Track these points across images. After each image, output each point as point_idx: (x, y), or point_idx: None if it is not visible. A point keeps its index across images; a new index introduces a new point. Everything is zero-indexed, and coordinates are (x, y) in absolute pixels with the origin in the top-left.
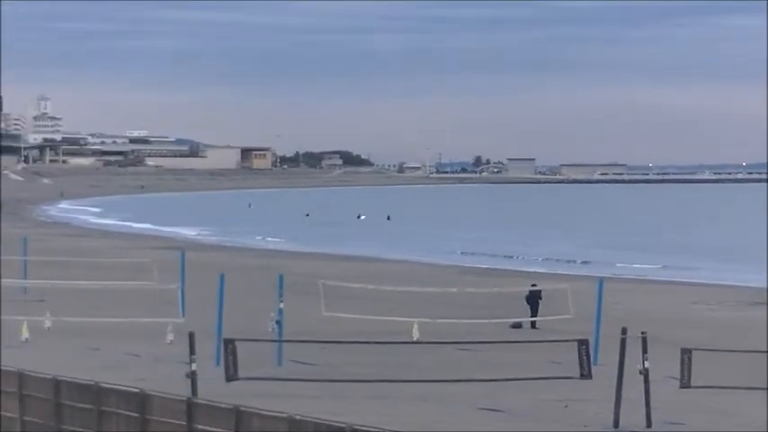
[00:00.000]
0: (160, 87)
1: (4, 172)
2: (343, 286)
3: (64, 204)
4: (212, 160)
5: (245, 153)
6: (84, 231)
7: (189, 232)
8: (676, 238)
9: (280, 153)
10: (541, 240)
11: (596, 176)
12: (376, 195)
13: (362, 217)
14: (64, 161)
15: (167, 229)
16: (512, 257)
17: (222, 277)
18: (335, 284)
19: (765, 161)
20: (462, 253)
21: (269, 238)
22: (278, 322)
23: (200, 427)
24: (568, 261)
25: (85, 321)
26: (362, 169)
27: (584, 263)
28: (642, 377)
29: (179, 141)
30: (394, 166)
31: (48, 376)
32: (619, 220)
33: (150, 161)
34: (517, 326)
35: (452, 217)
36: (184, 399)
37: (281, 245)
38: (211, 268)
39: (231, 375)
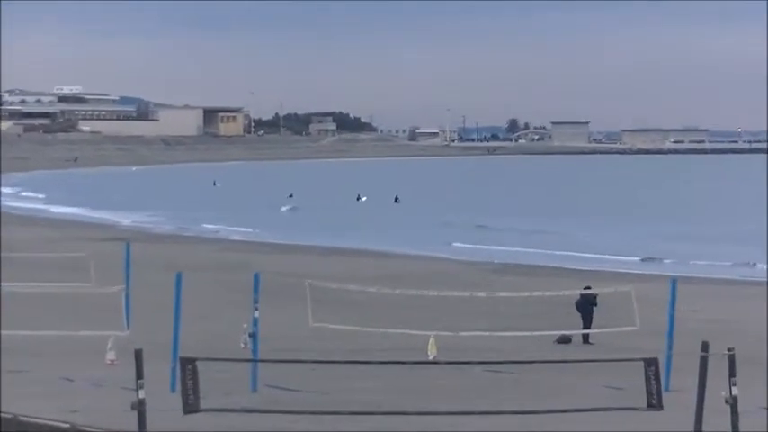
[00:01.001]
0: (99, 32)
1: None
2: (338, 289)
3: None
4: (167, 125)
5: (210, 115)
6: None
7: (136, 218)
8: None
9: (254, 115)
10: (596, 229)
11: (668, 145)
12: (380, 170)
13: (363, 198)
14: None
15: (108, 215)
16: (557, 251)
17: (179, 277)
18: (327, 286)
19: None
20: (492, 245)
21: (240, 227)
22: (252, 336)
23: None
24: (631, 255)
25: (3, 335)
26: (362, 136)
27: (652, 259)
28: (728, 407)
29: (123, 101)
30: (404, 131)
31: None
32: (698, 201)
33: (85, 126)
34: (565, 340)
35: (480, 199)
36: None
37: (256, 235)
38: (166, 265)
39: (190, 405)
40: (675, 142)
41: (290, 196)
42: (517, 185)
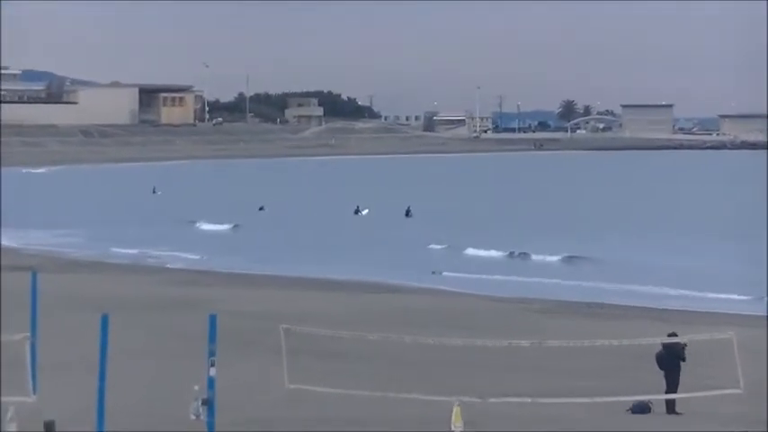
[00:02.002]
0: None
1: None
2: (325, 336)
3: None
4: (88, 109)
5: (148, 96)
6: None
7: (46, 239)
8: None
9: (209, 96)
10: (680, 254)
11: None
12: (385, 172)
13: (363, 212)
14: None
15: (6, 235)
16: (627, 285)
17: (106, 320)
18: (310, 332)
19: None
20: (536, 276)
21: (189, 251)
22: (207, 403)
23: None
24: (731, 291)
25: None
26: (359, 124)
27: (761, 298)
28: None
29: (28, 76)
30: (416, 118)
31: None
32: None
33: None
34: (642, 409)
35: (519, 213)
36: None
37: (211, 262)
38: (87, 304)
39: None
40: None
41: (261, 209)
42: (572, 194)
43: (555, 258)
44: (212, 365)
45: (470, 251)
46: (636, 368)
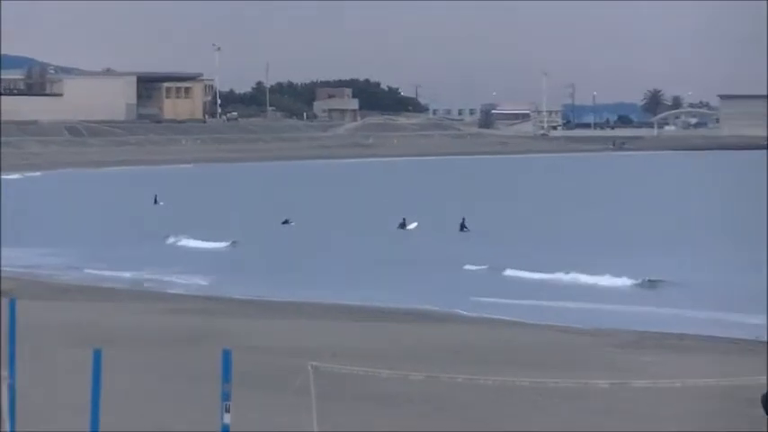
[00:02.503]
0: None
1: None
2: (362, 375)
3: None
4: (76, 102)
5: (148, 87)
6: None
7: (26, 259)
8: None
9: (222, 86)
10: None
11: None
12: (435, 177)
13: (411, 226)
14: None
15: None
16: (719, 312)
17: (98, 357)
18: (344, 371)
19: None
20: (610, 304)
21: (198, 273)
22: None
23: None
24: None
25: None
26: (403, 119)
27: None
28: None
29: (2, 62)
30: (471, 112)
31: None
32: None
33: None
34: None
35: (594, 225)
36: None
37: (224, 286)
38: (76, 336)
39: None
40: None
41: (285, 223)
42: (656, 204)
43: (630, 282)
44: (227, 411)
45: (533, 274)
46: (737, 413)
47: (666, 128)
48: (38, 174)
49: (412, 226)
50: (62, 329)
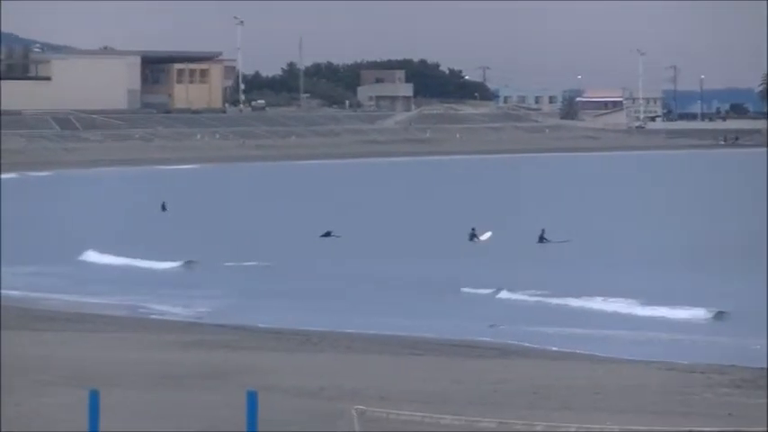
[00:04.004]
0: None
1: None
2: (416, 420)
3: None
4: (67, 87)
5: (154, 69)
6: None
7: (7, 280)
8: None
9: (245, 69)
10: None
11: None
12: (508, 177)
13: (483, 236)
14: None
15: None
16: None
17: (95, 398)
18: (396, 416)
19: None
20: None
21: (216, 298)
22: None
23: None
24: None
25: None
26: (468, 108)
27: None
28: None
29: None
30: (551, 100)
31: None
32: None
33: None
34: None
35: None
36: None
37: (247, 312)
38: (67, 374)
39: None
40: None
41: (326, 235)
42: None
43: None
44: None
45: (612, 302)
46: None
47: None
48: (25, 175)
49: (485, 237)
50: (52, 365)
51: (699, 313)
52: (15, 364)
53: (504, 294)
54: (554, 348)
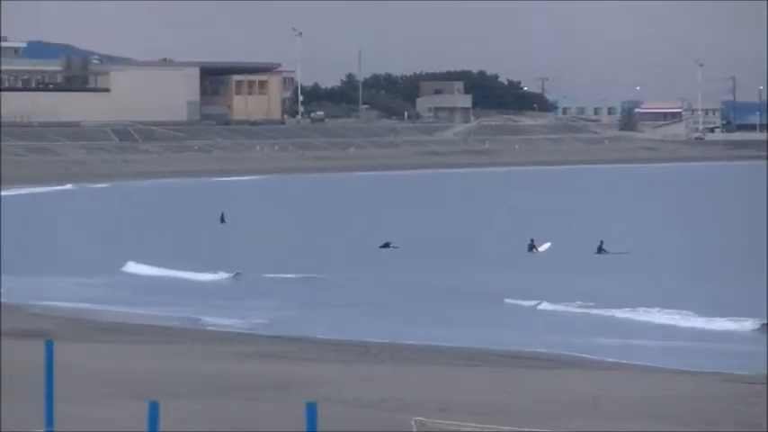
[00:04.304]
0: None
1: None
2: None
3: None
4: (126, 99)
5: (213, 81)
6: None
7: (64, 292)
8: None
9: (305, 80)
10: None
11: None
12: (567, 189)
13: (542, 247)
14: None
15: (8, 288)
16: None
17: (155, 410)
18: (458, 428)
19: None
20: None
21: (274, 309)
22: None
23: None
24: None
25: None
26: (527, 120)
27: None
28: None
29: (37, 49)
30: (610, 111)
31: None
32: None
33: None
34: None
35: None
36: None
37: (305, 323)
38: (127, 386)
39: None
40: None
41: (386, 246)
42: None
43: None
44: None
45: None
46: None
47: None
48: (83, 186)
49: (544, 247)
50: (111, 377)
51: (751, 324)
52: (75, 376)
53: (546, 306)
54: (609, 359)
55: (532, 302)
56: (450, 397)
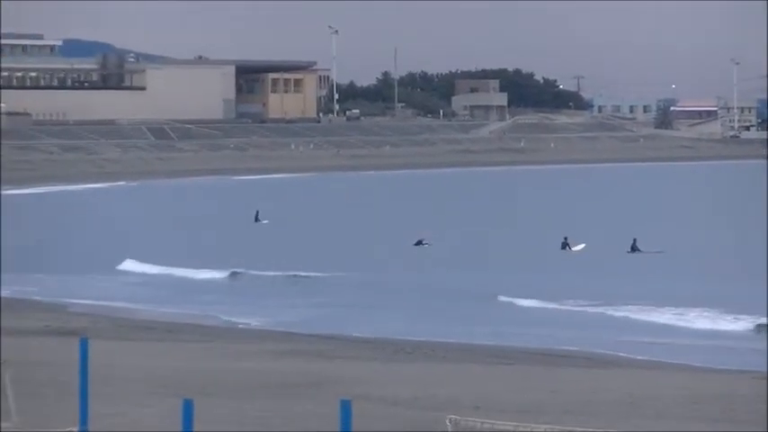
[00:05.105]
0: None
1: None
2: (510, 430)
3: None
4: (162, 97)
5: (248, 79)
6: None
7: (101, 291)
8: None
9: (340, 79)
10: None
11: None
12: (603, 187)
13: (577, 247)
14: None
15: (43, 286)
16: None
17: (189, 408)
18: (489, 425)
19: None
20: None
21: (307, 307)
22: None
23: None
24: None
25: None
26: (563, 118)
27: None
28: None
29: (72, 47)
30: (645, 109)
31: None
32: None
33: None
34: None
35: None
36: None
37: (338, 322)
38: (162, 384)
39: None
40: None
41: (419, 243)
42: None
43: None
44: None
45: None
46: None
47: None
48: (118, 184)
49: (578, 247)
50: (149, 375)
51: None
52: (115, 375)
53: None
54: (645, 358)
55: (562, 302)
56: (484, 395)
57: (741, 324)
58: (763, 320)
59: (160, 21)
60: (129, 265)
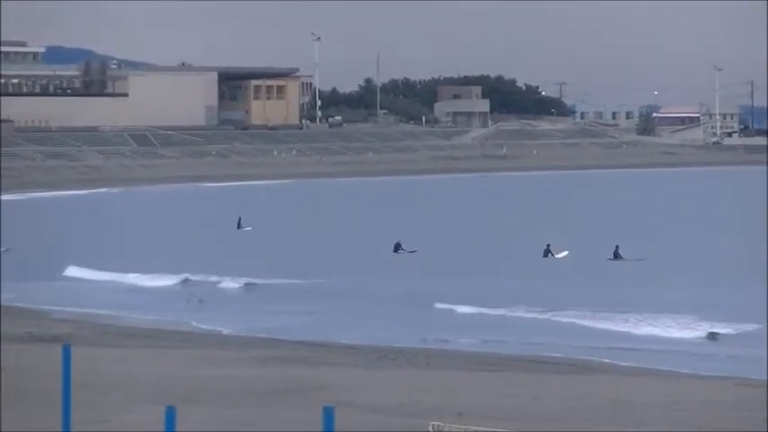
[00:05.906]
0: None
1: None
2: None
3: None
4: (144, 104)
5: (231, 86)
6: None
7: (78, 295)
8: None
9: (323, 85)
10: None
11: None
12: (585, 194)
13: (560, 254)
14: None
15: (24, 293)
16: None
17: (171, 415)
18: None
19: None
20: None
21: (292, 315)
22: None
23: None
24: None
25: None
26: (545, 124)
27: None
28: None
29: (56, 54)
30: (628, 115)
31: None
32: None
33: None
34: None
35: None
36: None
37: (323, 329)
38: (145, 391)
39: None
40: None
41: (397, 250)
42: None
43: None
44: None
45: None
46: None
47: None
48: (101, 191)
49: (561, 255)
50: (134, 382)
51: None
52: (100, 382)
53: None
54: (629, 364)
55: (544, 310)
56: (470, 401)
57: (713, 330)
58: (735, 326)
59: (143, 27)
60: (72, 271)
